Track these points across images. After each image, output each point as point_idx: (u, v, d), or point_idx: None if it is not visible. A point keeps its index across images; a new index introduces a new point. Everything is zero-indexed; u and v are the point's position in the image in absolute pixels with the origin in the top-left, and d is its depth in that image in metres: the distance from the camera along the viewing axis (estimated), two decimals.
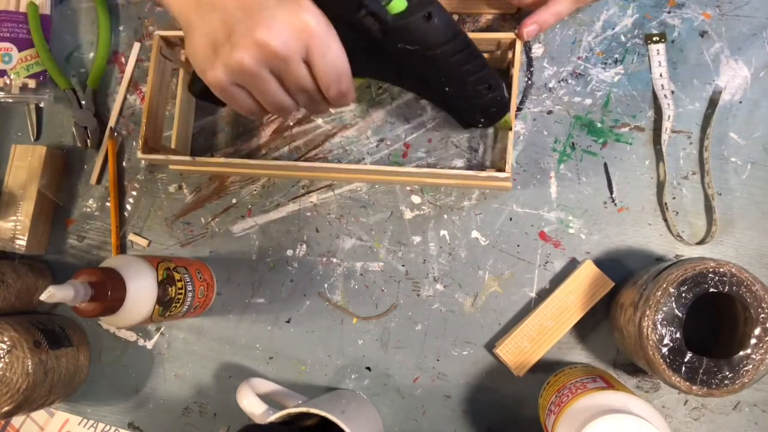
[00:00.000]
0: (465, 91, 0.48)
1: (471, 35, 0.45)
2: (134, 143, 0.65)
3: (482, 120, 0.51)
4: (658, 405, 0.53)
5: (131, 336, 0.63)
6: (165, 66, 0.59)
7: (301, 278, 0.60)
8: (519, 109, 0.57)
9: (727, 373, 0.43)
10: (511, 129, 0.51)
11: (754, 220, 0.53)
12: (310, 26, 0.39)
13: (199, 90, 0.51)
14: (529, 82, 0.57)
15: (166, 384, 0.62)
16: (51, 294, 0.45)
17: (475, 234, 0.57)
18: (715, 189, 0.53)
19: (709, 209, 0.53)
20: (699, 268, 0.44)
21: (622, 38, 0.56)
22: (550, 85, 0.57)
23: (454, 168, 0.57)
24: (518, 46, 0.51)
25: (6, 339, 0.55)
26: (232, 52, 0.40)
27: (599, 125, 0.55)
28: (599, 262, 0.54)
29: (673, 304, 0.44)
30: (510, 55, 0.54)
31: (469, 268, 0.57)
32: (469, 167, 0.57)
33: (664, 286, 0.44)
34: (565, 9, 0.53)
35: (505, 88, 0.49)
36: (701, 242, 0.53)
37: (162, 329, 0.62)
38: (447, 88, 0.48)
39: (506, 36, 0.52)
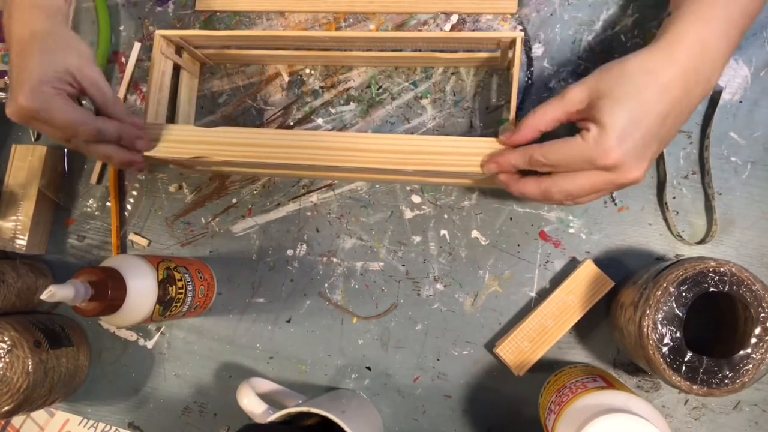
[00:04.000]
0: None
1: (472, 34, 0.45)
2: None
3: None
4: (658, 404, 0.53)
5: (131, 336, 0.63)
6: (165, 66, 0.59)
7: (302, 278, 0.60)
8: (519, 109, 0.57)
9: (728, 372, 0.43)
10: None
11: (754, 220, 0.53)
12: (26, 107, 0.47)
13: None
14: (529, 82, 0.57)
15: (166, 384, 0.62)
16: (51, 293, 0.45)
17: (475, 234, 0.57)
18: (715, 189, 0.53)
19: (709, 209, 0.53)
20: (699, 268, 0.44)
21: (622, 38, 0.56)
22: (550, 85, 0.57)
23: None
24: (518, 45, 0.51)
25: (6, 339, 0.55)
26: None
27: None
28: (599, 262, 0.54)
29: (674, 303, 0.44)
30: (510, 54, 0.54)
31: (469, 267, 0.57)
32: None
33: (665, 285, 0.44)
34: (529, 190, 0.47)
35: None
36: (701, 242, 0.53)
37: (162, 329, 0.62)
38: None
39: (506, 36, 0.52)
